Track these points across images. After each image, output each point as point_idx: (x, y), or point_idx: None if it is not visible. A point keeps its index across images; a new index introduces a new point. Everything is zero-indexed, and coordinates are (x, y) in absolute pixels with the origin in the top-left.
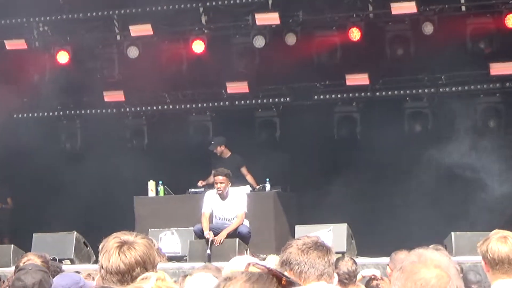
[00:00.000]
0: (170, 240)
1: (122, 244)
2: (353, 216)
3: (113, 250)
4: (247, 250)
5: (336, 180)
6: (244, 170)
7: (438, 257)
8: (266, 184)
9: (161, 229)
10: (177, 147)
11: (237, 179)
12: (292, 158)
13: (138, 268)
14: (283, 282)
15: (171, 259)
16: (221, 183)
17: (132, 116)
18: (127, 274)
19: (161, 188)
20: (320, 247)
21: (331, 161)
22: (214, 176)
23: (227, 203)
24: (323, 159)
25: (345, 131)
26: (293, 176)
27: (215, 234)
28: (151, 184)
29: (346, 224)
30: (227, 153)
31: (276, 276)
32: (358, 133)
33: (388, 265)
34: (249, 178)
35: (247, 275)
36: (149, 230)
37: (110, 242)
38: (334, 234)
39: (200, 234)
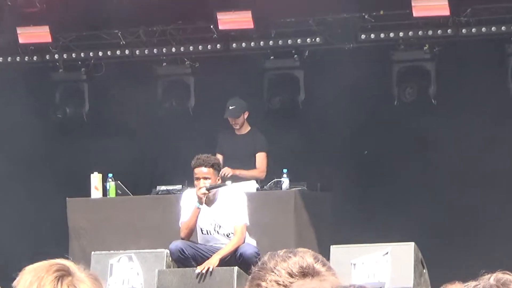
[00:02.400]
0: (126, 270)
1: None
2: (423, 231)
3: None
4: None
5: (394, 172)
6: (261, 158)
7: None
8: (282, 179)
9: (111, 251)
10: (137, 119)
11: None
12: (323, 136)
13: None
14: None
15: None
16: (204, 178)
17: (65, 68)
18: None
19: (111, 184)
20: None
21: (387, 141)
22: (194, 167)
23: (217, 210)
24: (375, 138)
25: (411, 91)
26: (326, 165)
27: (203, 260)
28: (95, 179)
29: (413, 243)
30: (246, 128)
31: None
32: (432, 95)
33: None
34: (258, 171)
35: None
36: (92, 253)
37: (36, 278)
38: (394, 260)
39: (180, 258)
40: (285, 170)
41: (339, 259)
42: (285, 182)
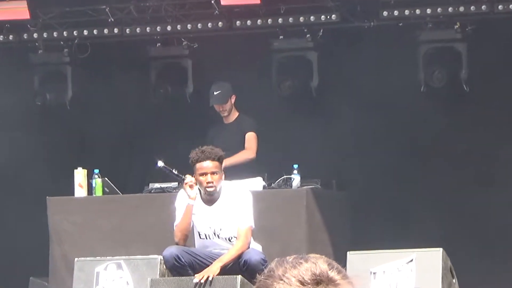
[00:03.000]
0: (115, 279)
1: None
2: (452, 237)
3: None
4: None
5: (420, 169)
6: (249, 137)
7: None
8: (293, 175)
9: (98, 258)
10: (128, 107)
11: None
12: (339, 128)
13: None
14: None
15: None
16: (212, 173)
17: (45, 48)
18: None
19: (97, 182)
20: None
21: (412, 132)
22: (196, 162)
23: (217, 211)
24: (398, 129)
25: (439, 76)
26: (342, 160)
27: (201, 268)
28: (79, 175)
29: (441, 249)
30: (234, 114)
31: None
32: (464, 80)
33: None
34: (246, 151)
35: None
36: (76, 260)
37: None
38: (419, 268)
39: (175, 265)
40: (295, 166)
41: (357, 267)
42: (296, 179)
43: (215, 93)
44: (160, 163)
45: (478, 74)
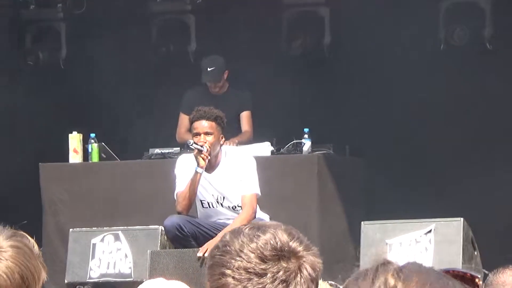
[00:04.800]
0: (112, 251)
1: None
2: (473, 206)
3: None
4: None
5: (440, 134)
6: (247, 117)
7: None
8: (303, 140)
9: (94, 228)
10: (126, 67)
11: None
12: (353, 89)
13: None
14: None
15: (112, 287)
16: (205, 134)
17: (37, 3)
18: None
19: (94, 147)
20: None
21: (431, 95)
22: (192, 121)
23: (219, 178)
24: (416, 91)
25: (461, 34)
26: (356, 124)
27: (205, 239)
28: (74, 140)
29: (462, 219)
30: (225, 85)
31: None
32: (487, 38)
33: None
34: (248, 134)
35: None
36: (71, 230)
37: None
38: (438, 239)
39: (178, 236)
40: (306, 130)
41: (372, 237)
42: (307, 144)
43: (208, 69)
44: (190, 141)
45: (502, 31)
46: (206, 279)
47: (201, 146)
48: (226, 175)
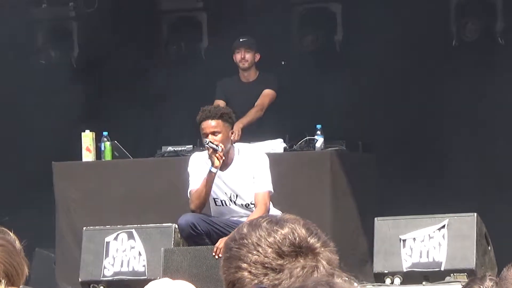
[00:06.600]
0: (126, 249)
1: None
2: (487, 201)
3: None
4: None
5: (455, 130)
6: (266, 94)
7: None
8: (316, 136)
9: (107, 227)
10: (138, 65)
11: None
12: (366, 85)
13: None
14: None
15: (126, 285)
16: (212, 133)
17: (49, 2)
18: None
19: (106, 145)
20: None
21: (443, 89)
22: (199, 122)
23: (232, 176)
24: (428, 86)
25: (473, 28)
26: (369, 120)
27: (219, 237)
28: (87, 138)
29: (475, 214)
30: (255, 73)
31: None
32: (499, 32)
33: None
34: (256, 112)
35: None
36: (84, 229)
37: None
38: (452, 235)
39: (191, 234)
40: (318, 126)
41: (385, 233)
42: (319, 140)
43: (241, 39)
44: (206, 140)
45: None
46: (221, 271)
47: (217, 146)
48: (239, 173)
